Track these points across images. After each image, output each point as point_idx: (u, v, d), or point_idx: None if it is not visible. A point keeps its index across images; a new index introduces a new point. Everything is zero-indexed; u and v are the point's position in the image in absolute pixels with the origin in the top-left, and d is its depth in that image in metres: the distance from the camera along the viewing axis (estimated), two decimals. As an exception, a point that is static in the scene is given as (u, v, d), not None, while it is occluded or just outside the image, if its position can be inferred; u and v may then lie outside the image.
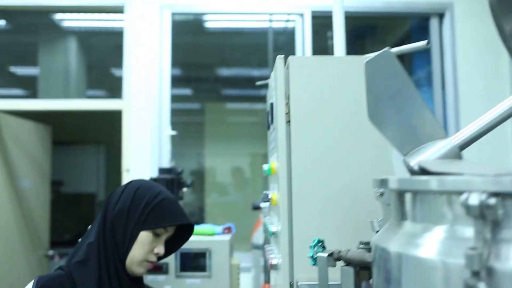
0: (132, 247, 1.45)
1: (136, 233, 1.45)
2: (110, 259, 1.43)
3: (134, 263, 1.46)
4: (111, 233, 1.45)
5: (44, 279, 1.42)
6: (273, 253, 1.53)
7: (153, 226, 1.46)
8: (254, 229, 3.76)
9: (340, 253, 1.12)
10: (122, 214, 1.46)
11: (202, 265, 1.95)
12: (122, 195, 1.49)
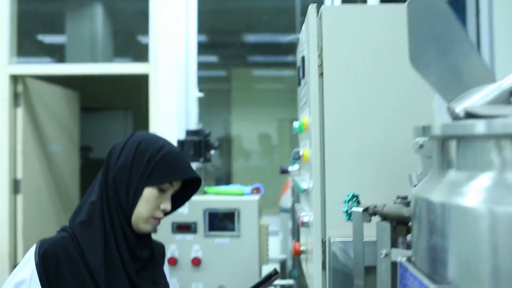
0: (137, 204, 1.38)
1: (140, 190, 1.38)
2: (115, 217, 1.38)
3: (140, 220, 1.40)
4: (114, 190, 1.38)
5: (47, 242, 1.35)
6: (303, 211, 1.50)
7: (158, 182, 1.39)
8: (282, 192, 3.74)
9: (376, 208, 1.07)
10: (124, 170, 1.39)
11: (230, 225, 1.94)
12: (123, 149, 1.42)
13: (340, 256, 1.21)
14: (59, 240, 1.36)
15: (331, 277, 1.21)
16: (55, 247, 1.33)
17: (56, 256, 1.32)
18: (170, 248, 1.95)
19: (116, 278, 1.37)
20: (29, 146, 4.32)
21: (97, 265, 1.34)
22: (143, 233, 1.44)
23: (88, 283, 1.33)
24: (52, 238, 1.38)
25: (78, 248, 1.35)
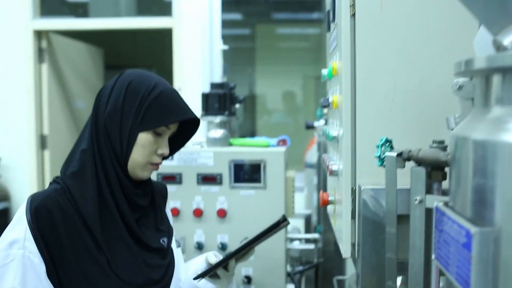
0: (131, 151, 1.28)
1: (134, 136, 1.27)
2: (108, 165, 1.27)
3: (137, 167, 1.30)
4: (106, 137, 1.27)
5: (38, 197, 1.25)
6: (332, 160, 1.46)
7: (152, 126, 1.28)
8: (308, 148, 3.70)
9: (411, 153, 1.02)
10: (115, 114, 1.27)
11: (256, 176, 1.91)
12: (113, 91, 1.29)
13: (370, 204, 1.17)
14: (51, 193, 1.26)
15: (360, 226, 1.18)
16: (47, 202, 1.23)
17: (48, 211, 1.22)
18: (195, 200, 1.94)
19: (113, 228, 1.29)
20: (55, 102, 4.34)
21: (91, 216, 1.25)
22: (141, 180, 1.34)
23: (84, 236, 1.25)
24: (43, 192, 1.27)
25: (71, 200, 1.25)
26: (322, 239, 2.75)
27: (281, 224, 1.36)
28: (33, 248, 1.20)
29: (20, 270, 1.19)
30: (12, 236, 1.21)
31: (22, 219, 1.22)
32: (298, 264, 2.43)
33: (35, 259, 1.20)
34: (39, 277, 1.21)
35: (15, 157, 4.14)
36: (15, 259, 1.19)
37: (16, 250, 1.20)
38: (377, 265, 1.18)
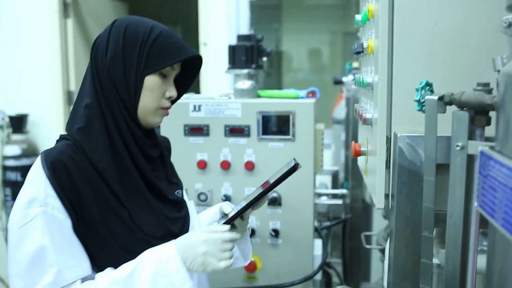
0: (140, 97, 1.25)
1: (141, 80, 1.24)
2: (118, 116, 1.24)
3: (148, 113, 1.28)
4: (111, 87, 1.24)
5: (52, 153, 1.19)
6: (365, 109, 1.40)
7: (158, 67, 1.24)
8: (336, 104, 3.63)
9: (453, 96, 0.96)
10: (117, 62, 1.23)
11: (285, 128, 1.86)
12: (109, 40, 1.24)
13: (407, 153, 1.12)
14: (64, 149, 1.21)
15: (396, 176, 1.13)
16: (62, 157, 1.18)
17: (65, 166, 1.17)
18: (223, 152, 1.91)
19: (130, 181, 1.27)
20: (80, 58, 4.33)
21: (107, 170, 1.23)
22: (152, 127, 1.33)
23: (103, 190, 1.22)
24: (55, 148, 1.22)
25: (84, 155, 1.22)
26: (350, 195, 2.72)
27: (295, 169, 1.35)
28: (57, 203, 1.16)
29: (46, 226, 1.14)
30: (30, 194, 1.16)
31: (38, 176, 1.17)
32: (326, 220, 2.41)
33: (59, 214, 1.17)
34: (65, 233, 1.18)
35: (43, 113, 4.17)
36: (37, 217, 1.14)
37: (36, 208, 1.15)
38: (411, 216, 1.14)
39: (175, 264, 1.18)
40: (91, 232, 1.21)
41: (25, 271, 1.14)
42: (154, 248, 1.22)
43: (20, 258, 1.14)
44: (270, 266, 1.96)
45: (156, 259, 1.18)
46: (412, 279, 1.16)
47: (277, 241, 1.94)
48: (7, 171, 3.97)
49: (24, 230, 1.14)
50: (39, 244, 1.13)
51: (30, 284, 1.13)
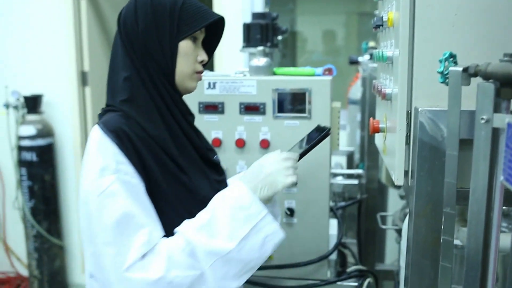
0: (176, 63, 1.29)
1: (176, 46, 1.28)
2: (160, 85, 1.29)
3: (185, 78, 1.32)
4: (148, 57, 1.28)
5: (110, 122, 1.22)
6: (384, 84, 1.37)
7: (189, 31, 1.28)
8: (351, 84, 3.59)
9: (478, 67, 0.93)
10: (150, 32, 1.27)
11: (301, 106, 1.83)
12: (137, 12, 1.28)
13: (428, 128, 1.08)
14: (118, 118, 1.24)
15: (416, 151, 1.10)
16: (121, 125, 1.21)
17: (126, 133, 1.21)
18: (238, 130, 1.89)
19: (182, 146, 1.32)
20: (94, 38, 4.31)
21: (162, 137, 1.27)
22: (189, 92, 1.37)
23: (162, 156, 1.26)
24: (110, 119, 1.24)
25: (137, 124, 1.25)
26: (366, 176, 2.69)
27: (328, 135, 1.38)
28: (129, 169, 1.19)
29: (124, 191, 1.16)
30: (100, 164, 1.17)
31: (104, 145, 1.19)
32: (341, 200, 2.39)
33: (132, 179, 1.19)
34: (141, 197, 1.20)
35: (58, 94, 4.17)
36: (114, 183, 1.16)
37: (110, 176, 1.16)
38: (432, 193, 1.11)
39: (247, 197, 1.23)
40: (158, 197, 1.24)
41: (114, 237, 1.14)
42: (223, 191, 1.27)
43: (106, 225, 1.14)
44: (285, 246, 1.94)
45: (229, 198, 1.23)
46: (432, 258, 1.14)
47: (292, 220, 1.92)
48: (22, 151, 4.00)
49: (104, 197, 1.15)
50: (123, 207, 1.15)
51: (123, 249, 1.13)
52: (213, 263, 1.18)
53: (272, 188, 1.28)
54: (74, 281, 4.38)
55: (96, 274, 1.21)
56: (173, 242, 1.19)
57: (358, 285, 1.93)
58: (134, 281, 1.12)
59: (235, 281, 1.22)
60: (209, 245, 1.18)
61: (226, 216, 1.20)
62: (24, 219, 4.12)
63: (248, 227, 1.21)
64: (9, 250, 4.42)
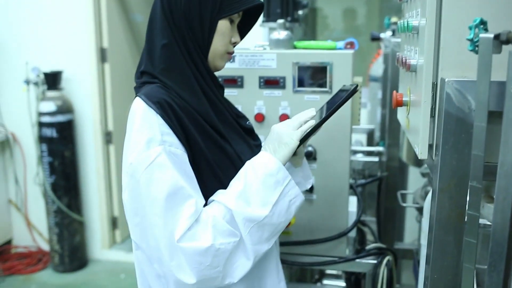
0: (212, 40, 1.32)
1: (215, 24, 1.30)
2: (196, 57, 1.30)
3: (216, 57, 1.35)
4: (187, 28, 1.29)
5: (152, 93, 1.24)
6: (408, 56, 1.33)
7: (230, 12, 1.31)
8: (373, 61, 3.52)
9: (511, 33, 0.89)
10: (193, 6, 1.28)
11: (321, 80, 1.79)
12: None
13: (455, 99, 1.04)
14: (159, 90, 1.26)
15: (441, 123, 1.06)
16: (164, 96, 1.24)
17: (169, 104, 1.23)
18: (257, 104, 1.86)
19: (221, 115, 1.36)
20: (113, 14, 4.30)
21: (203, 107, 1.30)
22: (217, 70, 1.40)
23: (204, 125, 1.29)
24: (151, 90, 1.26)
25: (176, 94, 1.27)
26: (386, 153, 2.65)
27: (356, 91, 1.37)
28: (174, 140, 1.21)
29: (171, 162, 1.18)
30: (145, 136, 1.19)
31: (149, 117, 1.21)
32: (361, 177, 2.36)
33: (177, 150, 1.21)
34: (186, 168, 1.22)
35: (77, 70, 4.18)
36: (161, 155, 1.18)
37: (156, 148, 1.18)
38: (457, 167, 1.07)
39: (274, 164, 1.26)
40: (199, 167, 1.26)
41: (164, 208, 1.16)
42: (250, 161, 1.29)
43: (155, 197, 1.17)
44: (303, 222, 1.92)
45: (259, 166, 1.26)
46: (455, 233, 1.10)
47: (312, 197, 1.90)
48: (42, 127, 4.02)
49: (151, 169, 1.17)
50: (172, 179, 1.17)
51: (173, 220, 1.16)
52: (250, 229, 1.22)
53: (288, 146, 1.30)
54: (94, 256, 4.44)
55: (142, 244, 1.24)
56: (216, 211, 1.22)
57: (377, 262, 1.91)
58: (186, 251, 1.16)
59: (267, 243, 1.27)
60: (246, 212, 1.22)
61: (258, 182, 1.24)
62: (45, 195, 4.17)
63: (277, 193, 1.25)
64: (31, 225, 4.49)
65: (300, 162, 1.48)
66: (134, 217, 1.23)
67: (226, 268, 1.22)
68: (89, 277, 4.16)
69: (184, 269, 1.17)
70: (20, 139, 4.35)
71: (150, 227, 1.18)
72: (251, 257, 1.24)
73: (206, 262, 1.17)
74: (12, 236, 4.57)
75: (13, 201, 4.48)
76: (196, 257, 1.16)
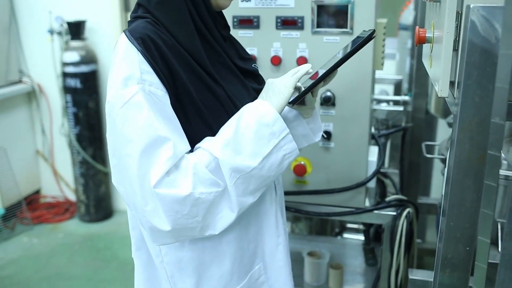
0: None
1: None
2: None
3: None
4: None
5: (137, 29, 1.15)
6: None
7: None
8: (404, 8, 3.35)
9: None
10: None
11: (342, 20, 1.68)
12: None
13: (480, 27, 0.94)
14: (146, 25, 1.16)
15: (465, 55, 0.96)
16: (149, 32, 1.14)
17: (154, 41, 1.14)
18: (274, 46, 1.76)
19: (216, 57, 1.27)
20: (137, -38, 4.18)
21: (195, 47, 1.20)
22: (221, 9, 1.28)
23: (195, 67, 1.19)
24: (138, 26, 1.16)
25: (168, 32, 1.18)
26: (412, 104, 2.53)
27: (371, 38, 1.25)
28: (154, 79, 1.12)
29: (148, 102, 1.10)
30: (124, 73, 1.11)
31: (129, 53, 1.12)
32: (384, 128, 2.26)
33: (158, 91, 1.12)
34: (165, 111, 1.13)
35: (100, 20, 4.11)
36: (137, 93, 1.10)
37: (134, 86, 1.10)
38: (480, 104, 0.97)
39: (271, 114, 1.18)
40: (188, 108, 1.19)
41: (138, 150, 1.09)
42: (247, 106, 1.21)
43: (129, 137, 1.10)
44: (320, 171, 1.86)
45: (255, 114, 1.18)
46: (475, 177, 1.01)
47: (329, 144, 1.82)
48: (66, 77, 4.01)
49: (127, 109, 1.10)
50: (147, 119, 1.09)
51: (148, 163, 1.09)
52: (236, 180, 1.14)
53: (281, 95, 1.22)
54: (119, 207, 4.49)
55: (120, 188, 1.17)
56: (199, 158, 1.14)
57: (396, 214, 1.84)
58: (162, 198, 1.08)
59: (252, 196, 1.19)
60: (234, 162, 1.13)
61: (251, 132, 1.16)
62: (70, 146, 4.20)
63: (271, 145, 1.17)
64: (58, 175, 4.55)
65: (310, 113, 1.38)
66: (112, 158, 1.16)
67: (207, 218, 1.15)
68: (114, 227, 4.22)
69: (160, 215, 1.10)
70: (46, 90, 4.36)
71: (125, 170, 1.11)
72: (235, 209, 1.17)
73: (183, 211, 1.10)
74: (41, 186, 4.65)
75: (41, 151, 4.54)
76: (173, 204, 1.09)
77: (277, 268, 1.43)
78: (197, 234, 1.17)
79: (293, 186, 1.89)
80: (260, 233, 1.39)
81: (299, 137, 1.42)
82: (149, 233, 1.16)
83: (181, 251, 1.28)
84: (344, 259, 2.30)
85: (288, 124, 1.27)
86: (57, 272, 3.51)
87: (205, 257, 1.30)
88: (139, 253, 1.39)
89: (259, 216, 1.37)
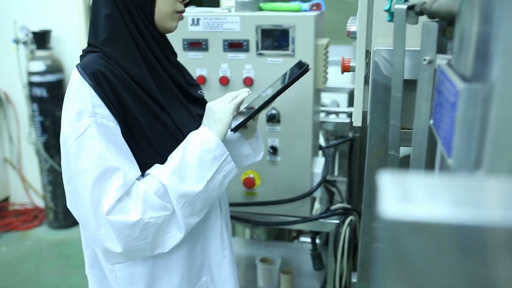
0: (155, 2, 1.29)
1: None
2: (139, 23, 1.28)
3: (165, 18, 1.31)
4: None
5: (89, 64, 1.21)
6: (353, 22, 1.33)
7: None
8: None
9: (424, 5, 0.89)
10: None
11: (285, 43, 1.79)
12: None
13: (383, 68, 1.06)
14: (97, 60, 1.23)
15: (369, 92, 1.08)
16: (100, 67, 1.21)
17: (104, 75, 1.21)
18: (222, 67, 1.87)
19: (163, 85, 1.35)
20: (102, -29, 4.23)
21: (142, 76, 1.29)
22: (169, 32, 1.36)
23: (142, 96, 1.28)
24: (89, 61, 1.23)
25: (116, 64, 1.26)
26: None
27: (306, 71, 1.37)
28: (105, 112, 1.20)
29: (100, 135, 1.19)
30: (77, 107, 1.19)
31: (81, 88, 1.20)
32: (333, 138, 2.38)
33: (109, 123, 1.21)
34: (117, 140, 1.22)
35: (66, 29, 4.16)
36: (90, 127, 1.18)
37: (87, 119, 1.19)
38: (386, 135, 1.10)
39: (213, 140, 1.28)
40: (138, 138, 1.27)
41: (91, 180, 1.18)
42: (192, 134, 1.31)
43: (84, 169, 1.18)
44: (268, 183, 1.97)
45: (198, 142, 1.28)
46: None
47: (276, 158, 1.93)
48: (33, 87, 4.05)
49: (80, 141, 1.18)
50: (99, 151, 1.18)
51: (99, 192, 1.18)
52: (183, 204, 1.25)
53: (221, 121, 1.31)
54: (89, 212, 4.54)
55: (75, 212, 1.27)
56: (149, 185, 1.24)
57: (339, 222, 1.96)
58: (114, 224, 1.18)
59: (198, 216, 1.31)
60: (180, 188, 1.24)
61: (195, 158, 1.26)
62: (38, 154, 4.24)
63: (214, 169, 1.28)
64: (26, 182, 4.58)
65: (252, 134, 1.49)
66: (67, 185, 1.25)
67: (156, 239, 1.25)
68: (83, 233, 4.27)
69: (112, 239, 1.20)
70: (13, 99, 4.39)
71: (79, 197, 1.21)
72: (182, 230, 1.27)
73: (133, 235, 1.20)
74: (10, 194, 4.68)
75: (9, 159, 4.57)
76: (124, 229, 1.19)
77: (223, 279, 1.54)
78: (147, 253, 1.28)
79: (244, 198, 2.00)
80: (207, 248, 1.50)
81: (243, 157, 1.53)
82: (103, 254, 1.27)
83: (133, 267, 1.39)
84: (295, 264, 2.42)
85: (231, 145, 1.38)
86: (26, 279, 3.56)
87: (156, 272, 1.40)
88: (92, 270, 1.48)
89: (206, 232, 1.48)
